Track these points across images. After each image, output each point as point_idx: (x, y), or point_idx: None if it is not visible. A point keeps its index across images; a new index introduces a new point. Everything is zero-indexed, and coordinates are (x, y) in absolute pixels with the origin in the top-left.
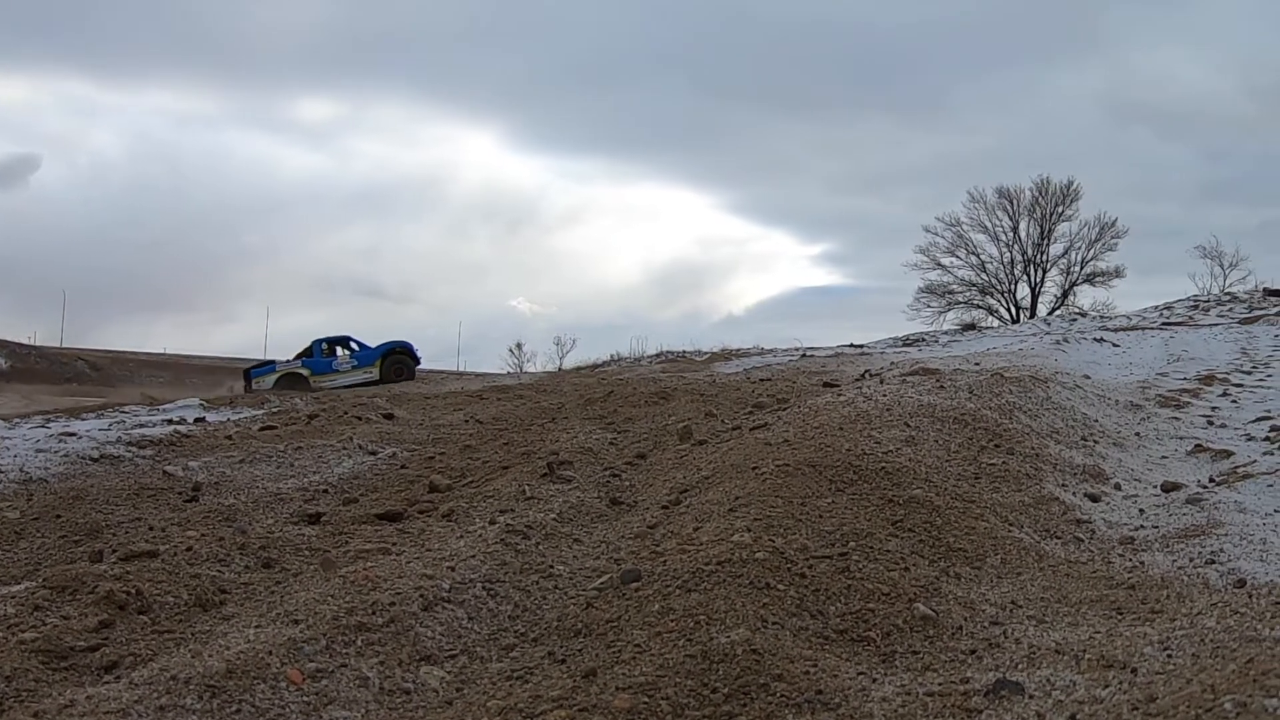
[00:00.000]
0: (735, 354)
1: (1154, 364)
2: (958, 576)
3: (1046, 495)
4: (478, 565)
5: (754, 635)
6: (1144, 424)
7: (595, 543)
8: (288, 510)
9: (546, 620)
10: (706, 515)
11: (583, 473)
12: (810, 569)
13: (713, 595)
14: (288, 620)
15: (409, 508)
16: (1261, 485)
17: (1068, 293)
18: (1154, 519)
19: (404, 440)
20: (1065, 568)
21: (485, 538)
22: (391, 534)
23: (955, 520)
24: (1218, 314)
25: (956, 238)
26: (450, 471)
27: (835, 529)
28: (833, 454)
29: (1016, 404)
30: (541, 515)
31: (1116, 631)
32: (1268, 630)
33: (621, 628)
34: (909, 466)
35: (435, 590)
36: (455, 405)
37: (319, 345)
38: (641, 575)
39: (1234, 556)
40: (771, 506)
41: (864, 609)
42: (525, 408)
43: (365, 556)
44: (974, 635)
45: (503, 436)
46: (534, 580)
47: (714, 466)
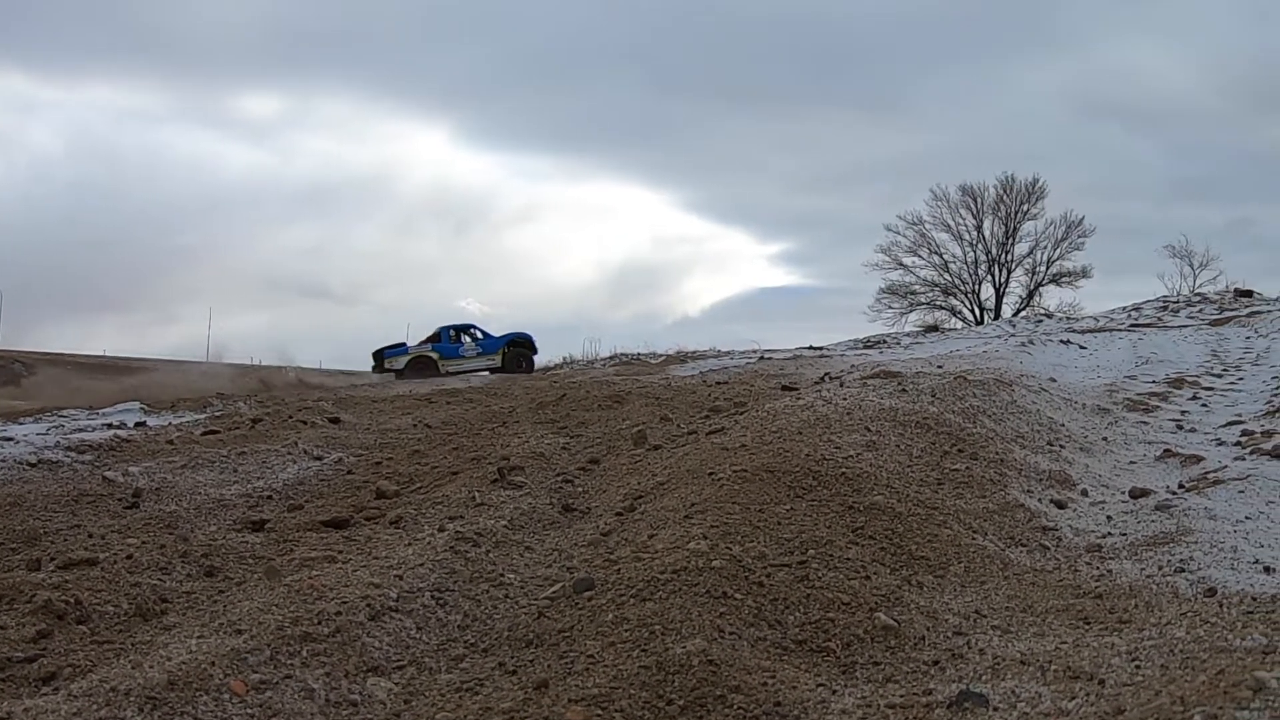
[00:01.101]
0: (691, 356)
1: (1122, 367)
2: (920, 585)
3: (1011, 502)
4: (426, 574)
5: (711, 646)
6: (1112, 428)
7: (547, 550)
8: (231, 517)
9: (497, 630)
10: (662, 522)
11: (534, 478)
12: (768, 577)
13: (668, 604)
14: (231, 630)
15: (355, 514)
16: (1232, 491)
17: (1033, 293)
18: (1122, 526)
19: (350, 445)
20: (1030, 576)
21: (434, 545)
22: (337, 541)
23: (917, 527)
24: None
25: (919, 237)
26: (398, 477)
27: (794, 536)
28: (791, 459)
29: (980, 408)
30: (492, 522)
31: (1083, 642)
32: (1239, 641)
33: (574, 638)
34: (870, 472)
35: (382, 599)
36: (403, 409)
37: (446, 331)
38: (595, 584)
39: (1204, 565)
40: (728, 513)
41: (824, 618)
42: (475, 412)
43: (310, 565)
44: (937, 646)
45: (452, 441)
46: (484, 589)
47: (669, 472)
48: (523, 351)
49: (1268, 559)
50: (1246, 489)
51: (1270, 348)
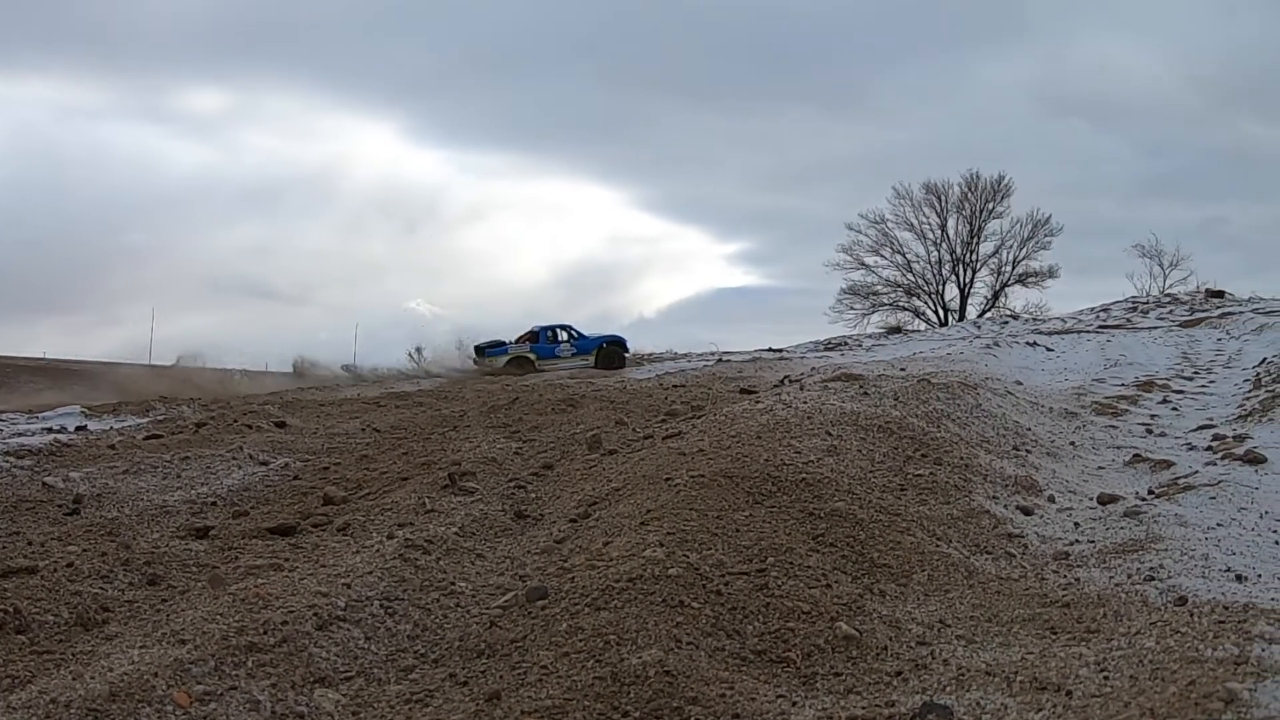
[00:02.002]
0: (647, 358)
1: (1090, 369)
2: (882, 594)
3: (976, 508)
4: (375, 582)
5: (667, 656)
6: (1079, 432)
7: (499, 558)
8: (174, 524)
9: (448, 640)
10: (617, 529)
11: (486, 484)
12: (726, 586)
13: (623, 614)
14: (174, 640)
15: (302, 521)
16: (1204, 497)
17: (999, 294)
18: (1090, 533)
19: (297, 450)
20: (996, 585)
21: (383, 553)
22: (284, 549)
23: (880, 534)
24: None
25: (881, 236)
26: (346, 483)
27: (753, 544)
28: (750, 464)
29: (944, 411)
30: (442, 529)
31: (1050, 652)
32: (1210, 651)
33: (527, 648)
34: (831, 478)
35: (330, 608)
36: (351, 413)
37: (544, 331)
38: (548, 593)
39: (1174, 573)
40: (685, 520)
41: (783, 628)
42: (425, 416)
43: (256, 573)
44: (900, 656)
45: (401, 446)
46: (434, 598)
47: (625, 477)
48: (615, 350)
49: (1240, 567)
50: (1218, 495)
51: (1242, 350)
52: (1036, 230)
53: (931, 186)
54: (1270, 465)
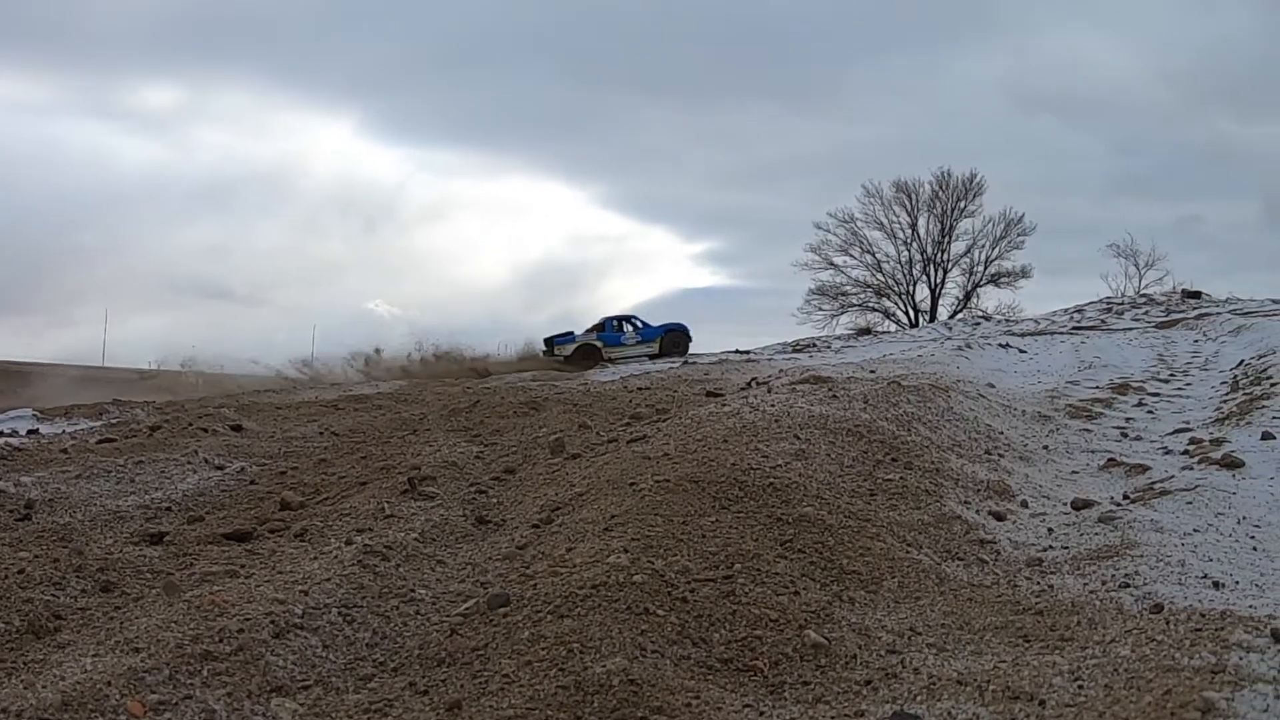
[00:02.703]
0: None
1: (1064, 371)
2: (852, 601)
3: (947, 513)
4: (333, 589)
5: (631, 665)
6: (1053, 436)
7: (460, 564)
8: (128, 529)
9: (407, 648)
10: (580, 535)
11: (446, 489)
12: (692, 593)
13: (587, 621)
14: (128, 648)
15: (259, 527)
16: (1180, 502)
17: (970, 294)
18: (1064, 539)
19: (253, 454)
20: (968, 591)
21: (341, 559)
22: (240, 555)
23: (849, 540)
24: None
25: (850, 235)
26: (303, 488)
27: (719, 550)
28: (716, 469)
29: (915, 415)
30: (402, 535)
31: (1023, 660)
32: (1186, 659)
33: (488, 656)
34: (799, 482)
35: (287, 616)
36: (309, 416)
37: (610, 322)
38: (510, 600)
39: (1150, 579)
40: (650, 525)
41: (750, 636)
42: (384, 419)
43: (211, 579)
44: (869, 665)
45: (360, 450)
46: (394, 605)
47: (588, 482)
48: (679, 338)
49: (1217, 574)
50: (1195, 500)
51: (1219, 352)
52: (1009, 229)
53: (902, 184)
54: (1248, 470)
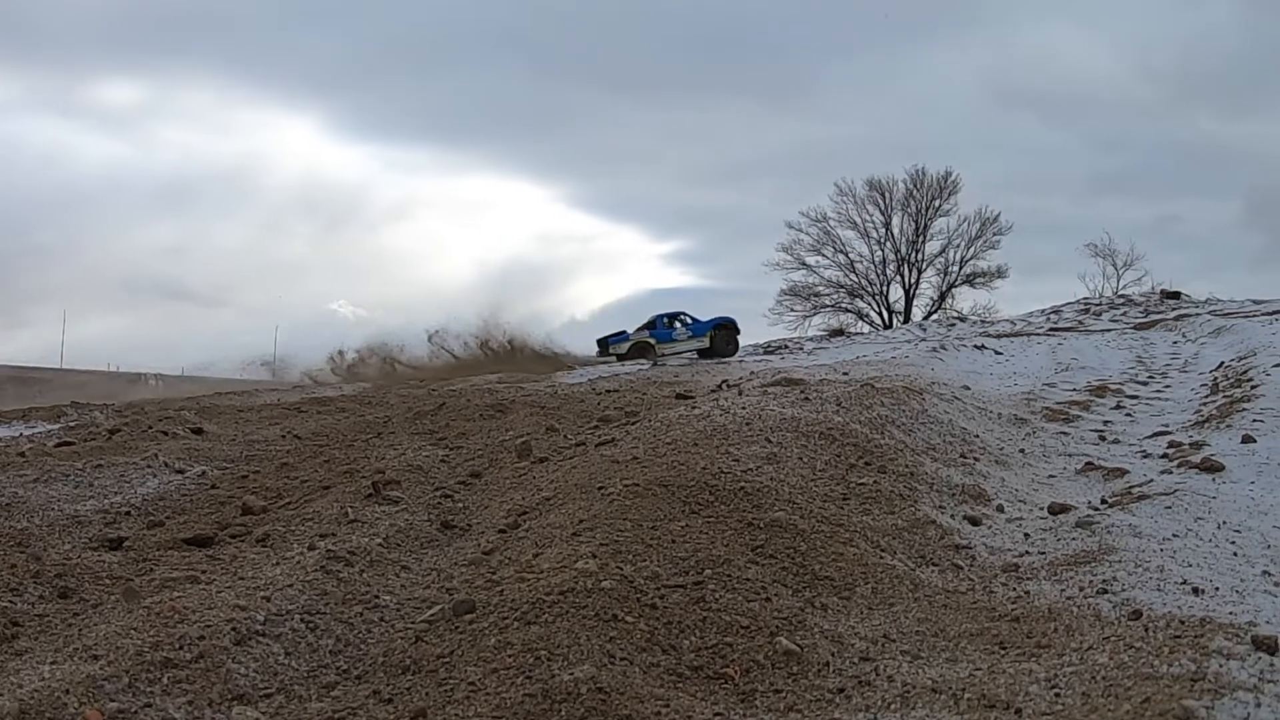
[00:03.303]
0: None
1: (1040, 373)
2: (824, 607)
3: (922, 518)
4: (296, 595)
5: (600, 672)
6: (1029, 439)
7: (425, 570)
8: (87, 534)
9: (371, 656)
10: (548, 540)
11: (411, 493)
12: (662, 599)
13: (554, 628)
14: (87, 655)
15: (220, 532)
16: (1158, 507)
17: (945, 295)
18: (1040, 544)
19: (214, 457)
20: (942, 598)
21: (304, 565)
22: (201, 561)
23: (821, 545)
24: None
25: (823, 234)
26: (265, 492)
27: (689, 555)
28: (686, 473)
29: (889, 417)
30: (366, 540)
31: (999, 668)
32: (1166, 667)
33: (454, 664)
34: (770, 486)
35: (249, 623)
36: (271, 419)
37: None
38: (476, 606)
39: (1128, 585)
40: (619, 530)
41: (721, 643)
42: (348, 422)
43: (172, 585)
44: (842, 672)
45: (323, 453)
46: (357, 612)
47: (556, 486)
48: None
49: (1196, 579)
50: (1174, 504)
51: (1199, 354)
52: (985, 228)
53: (875, 183)
54: (1228, 474)
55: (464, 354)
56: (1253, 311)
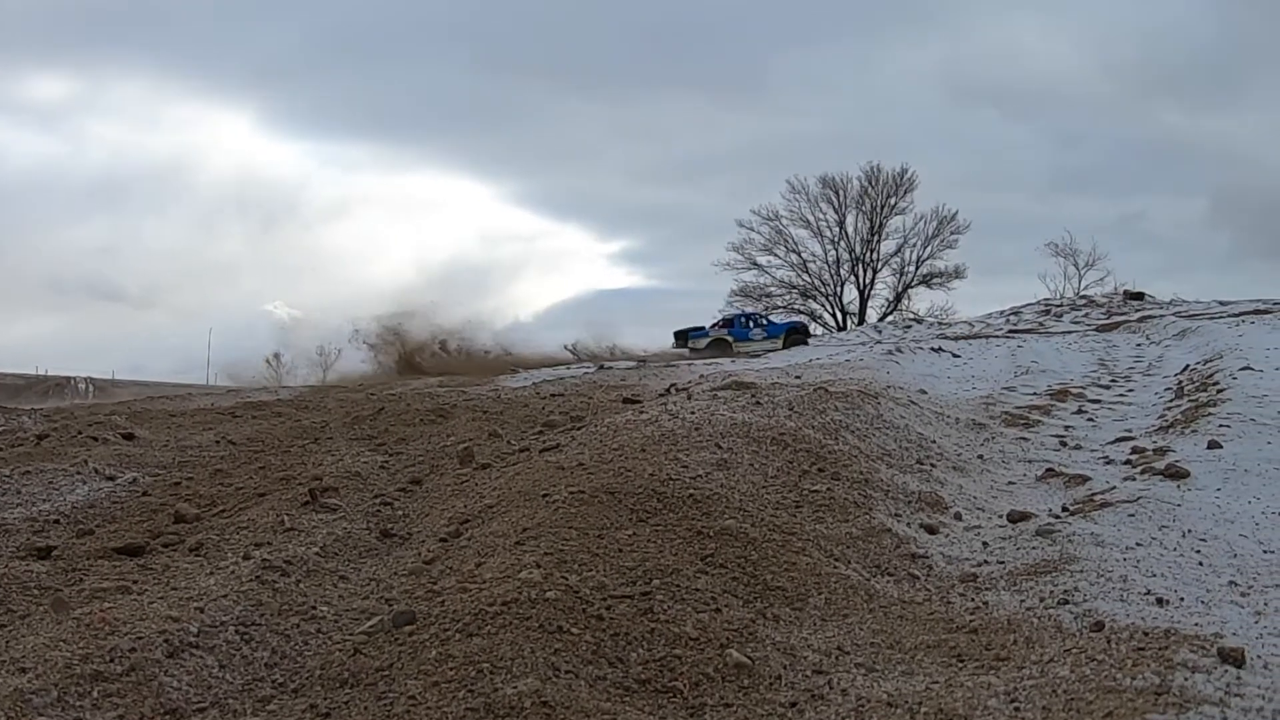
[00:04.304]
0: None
1: (999, 377)
2: (776, 619)
3: (877, 526)
4: (230, 606)
5: (544, 686)
6: (988, 445)
7: (364, 580)
8: (13, 544)
9: (308, 668)
10: (490, 549)
11: (349, 500)
12: (608, 610)
13: (497, 640)
14: (14, 668)
15: (152, 540)
16: (1121, 515)
17: (901, 296)
18: (999, 553)
19: (146, 464)
20: (898, 609)
21: (238, 575)
22: (132, 570)
23: (773, 555)
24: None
25: (775, 234)
26: (199, 499)
27: (637, 565)
28: (634, 479)
29: (843, 422)
30: (302, 549)
31: (956, 681)
32: (1129, 680)
33: (393, 677)
34: (721, 494)
35: (182, 634)
36: (204, 424)
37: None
38: (416, 617)
39: (1090, 596)
40: (564, 539)
41: (669, 655)
42: (284, 427)
43: (102, 596)
44: (794, 686)
45: (258, 459)
46: (294, 623)
47: (499, 493)
48: (800, 338)
49: (1161, 590)
50: (1137, 512)
51: (1163, 356)
52: (942, 227)
53: (829, 180)
54: (1194, 480)
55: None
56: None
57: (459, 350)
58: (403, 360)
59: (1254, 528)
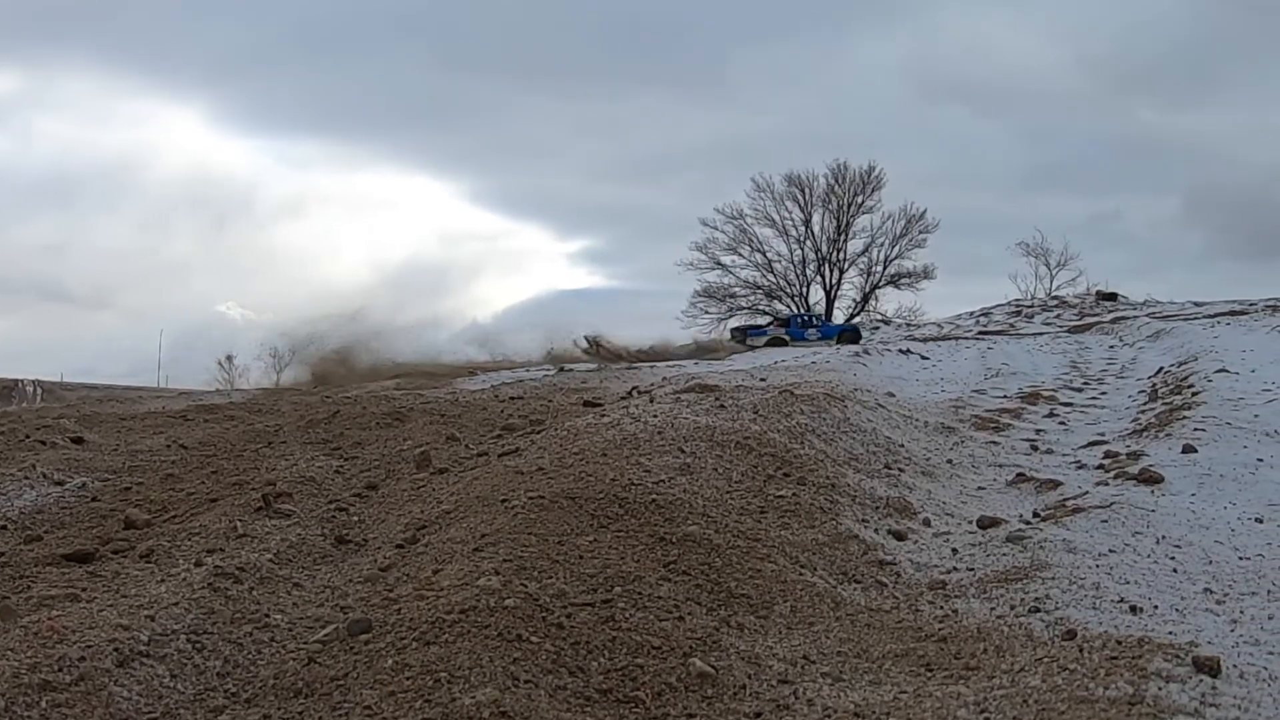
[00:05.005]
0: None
1: (969, 379)
2: (740, 627)
3: (844, 532)
4: (181, 614)
5: (503, 695)
6: (957, 449)
7: (318, 588)
8: None
9: (262, 678)
10: (448, 556)
11: (304, 506)
12: (569, 618)
13: (455, 649)
14: None
15: (101, 547)
16: (1094, 520)
17: (869, 296)
18: (969, 560)
19: (96, 468)
20: (865, 617)
21: (190, 582)
22: (81, 577)
23: (738, 561)
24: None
25: (739, 233)
26: (149, 505)
27: (598, 572)
28: (595, 484)
29: (809, 426)
30: (256, 556)
31: (925, 691)
32: (1102, 690)
33: (349, 687)
34: (684, 499)
35: (132, 643)
36: (155, 428)
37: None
38: (372, 625)
39: (1062, 604)
40: (524, 545)
41: (631, 665)
42: (237, 431)
43: (50, 604)
44: (759, 695)
45: (210, 464)
46: (247, 631)
47: (457, 499)
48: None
49: (1134, 597)
50: (1110, 518)
51: (1137, 358)
52: (910, 226)
53: (795, 178)
54: (1168, 485)
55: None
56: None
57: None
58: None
59: (1229, 534)
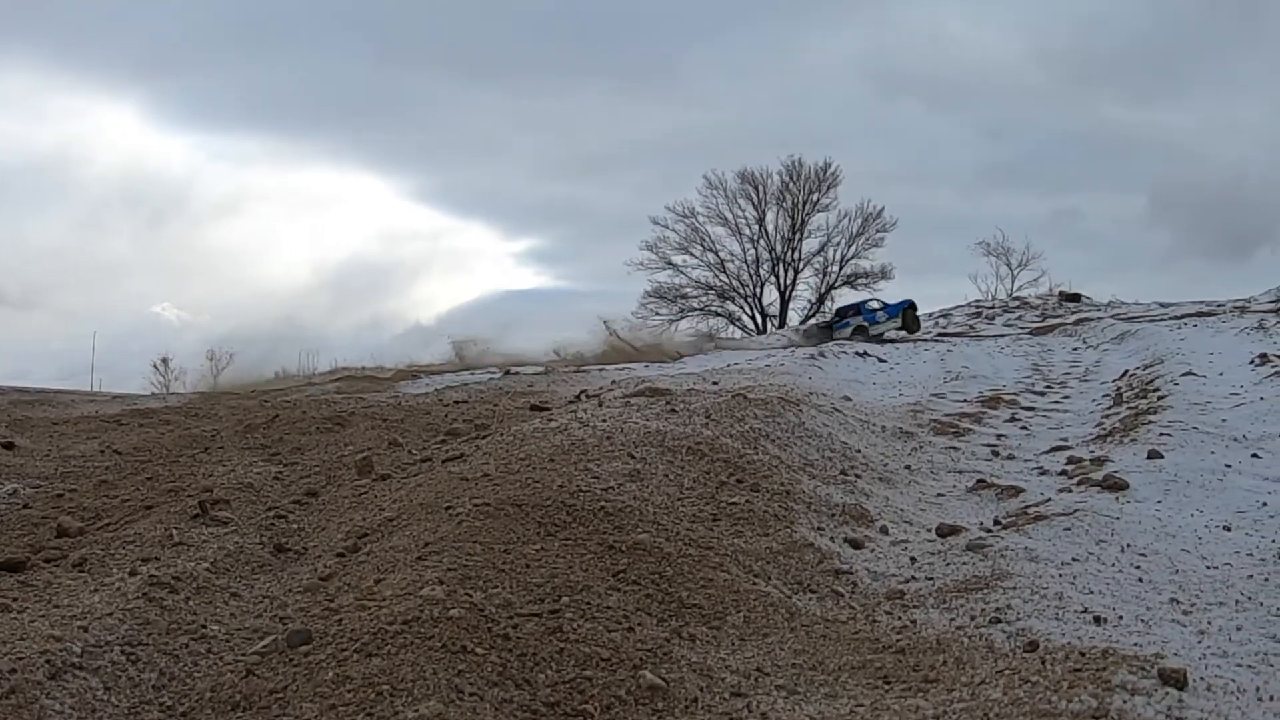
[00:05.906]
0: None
1: (928, 383)
2: (692, 638)
3: (798, 540)
4: (115, 625)
5: (447, 709)
6: (916, 455)
7: (257, 598)
8: None
9: (198, 691)
10: (390, 565)
11: (242, 513)
12: (515, 629)
13: (397, 661)
14: None
15: (33, 555)
16: (1057, 528)
17: (825, 297)
18: (928, 569)
19: (26, 474)
20: (821, 627)
21: (124, 592)
22: (12, 587)
23: (689, 570)
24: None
25: (691, 232)
26: (82, 512)
27: (545, 581)
28: (542, 491)
29: (763, 431)
30: (192, 564)
31: (883, 704)
32: (1065, 703)
33: (288, 700)
34: (634, 506)
35: (64, 655)
36: (88, 432)
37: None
38: (312, 637)
39: (1024, 614)
40: (468, 554)
41: (580, 677)
42: (172, 436)
43: None
44: (712, 709)
45: (145, 470)
46: (183, 643)
47: (399, 506)
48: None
49: (1098, 607)
50: (1073, 526)
51: (1101, 361)
52: (867, 225)
53: (748, 175)
54: (1133, 492)
55: None
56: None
57: None
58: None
59: (1196, 542)
